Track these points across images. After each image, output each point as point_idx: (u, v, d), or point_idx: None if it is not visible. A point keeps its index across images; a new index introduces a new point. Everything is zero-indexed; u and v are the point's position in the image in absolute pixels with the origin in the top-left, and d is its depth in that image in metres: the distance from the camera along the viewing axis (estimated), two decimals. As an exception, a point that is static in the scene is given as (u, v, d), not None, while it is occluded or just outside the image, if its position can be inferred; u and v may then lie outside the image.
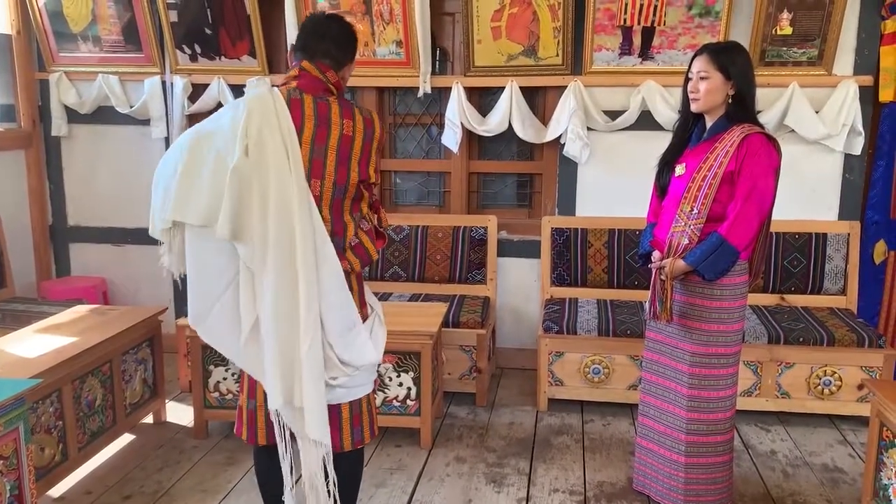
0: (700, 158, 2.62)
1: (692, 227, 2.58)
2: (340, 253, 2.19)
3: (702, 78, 2.58)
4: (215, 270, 2.17)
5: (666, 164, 2.78)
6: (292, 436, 2.23)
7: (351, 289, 2.24)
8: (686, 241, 2.58)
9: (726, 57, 2.58)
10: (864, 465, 2.85)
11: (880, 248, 4.02)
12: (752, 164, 2.52)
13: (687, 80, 2.66)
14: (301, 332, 2.10)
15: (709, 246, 2.54)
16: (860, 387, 3.57)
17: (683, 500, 2.77)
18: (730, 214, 2.54)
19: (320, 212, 2.14)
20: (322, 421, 2.16)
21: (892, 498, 2.45)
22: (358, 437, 2.33)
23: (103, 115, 4.61)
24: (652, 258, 2.75)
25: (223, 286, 2.17)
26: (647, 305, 2.78)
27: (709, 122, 2.66)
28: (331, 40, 2.24)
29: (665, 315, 2.65)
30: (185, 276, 2.23)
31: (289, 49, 4.16)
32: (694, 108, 2.63)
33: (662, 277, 2.63)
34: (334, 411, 2.26)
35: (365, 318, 2.31)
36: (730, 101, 2.60)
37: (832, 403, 3.63)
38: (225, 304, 2.18)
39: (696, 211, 2.57)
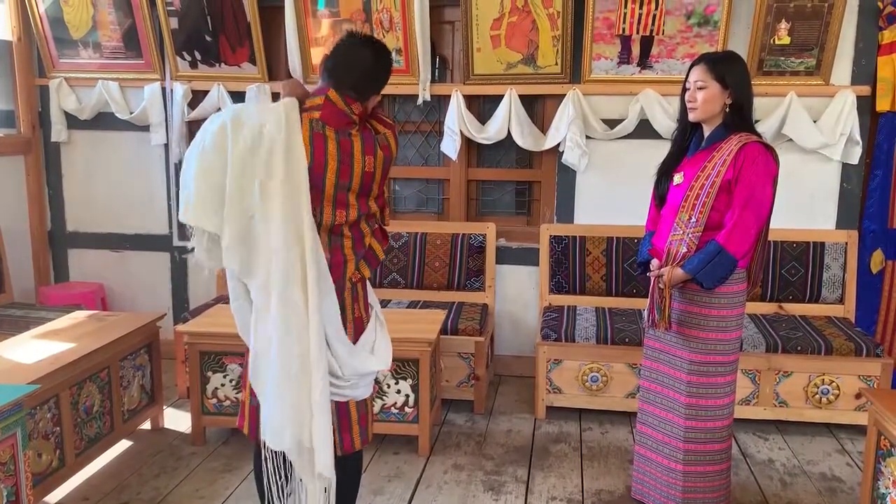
0: (698, 167, 2.63)
1: (690, 235, 2.59)
2: (354, 267, 2.21)
3: (699, 87, 2.59)
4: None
5: (664, 173, 2.79)
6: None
7: (357, 295, 2.25)
8: (684, 249, 2.59)
9: (723, 66, 2.59)
10: (861, 474, 2.86)
11: (877, 258, 4.03)
12: (750, 172, 2.53)
13: (685, 89, 2.67)
14: (313, 377, 2.07)
15: (707, 254, 2.54)
16: (858, 396, 3.57)
17: None
18: (728, 223, 2.55)
19: (342, 233, 2.16)
20: (330, 456, 2.14)
21: (889, 507, 2.45)
22: (365, 436, 2.34)
23: (103, 121, 4.62)
24: (650, 266, 2.76)
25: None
26: (645, 313, 2.78)
27: (706, 132, 2.67)
28: (362, 74, 2.18)
29: (663, 323, 2.66)
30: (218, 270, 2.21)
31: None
32: (692, 117, 2.65)
33: (661, 285, 2.64)
34: (343, 410, 2.26)
35: (367, 319, 2.32)
36: (727, 110, 2.61)
37: (830, 412, 3.63)
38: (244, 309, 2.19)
39: (693, 219, 2.58)
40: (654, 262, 2.73)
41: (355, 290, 2.25)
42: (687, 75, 2.66)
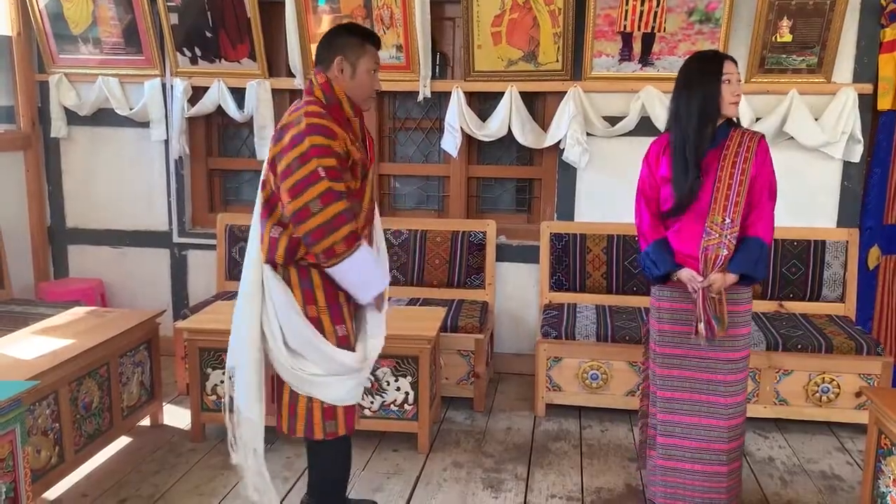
0: (715, 166, 2.58)
1: (728, 236, 2.54)
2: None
3: (740, 81, 2.60)
4: None
5: (696, 175, 2.59)
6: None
7: (293, 284, 2.38)
8: (725, 252, 2.54)
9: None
10: (862, 473, 2.85)
11: (874, 254, 4.03)
12: (769, 164, 2.60)
13: (718, 82, 2.53)
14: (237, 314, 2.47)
15: (752, 252, 2.55)
16: (858, 394, 3.57)
17: None
18: (759, 217, 2.58)
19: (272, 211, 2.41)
20: (243, 407, 2.44)
21: (890, 506, 2.44)
22: (293, 427, 2.45)
23: (103, 117, 4.61)
24: (679, 277, 2.61)
25: None
26: (699, 326, 2.58)
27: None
28: (319, 45, 2.48)
29: (723, 330, 2.57)
30: None
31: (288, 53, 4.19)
32: (735, 111, 2.60)
33: (713, 294, 2.56)
34: (278, 386, 2.47)
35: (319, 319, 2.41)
36: None
37: (830, 411, 3.63)
38: None
39: (728, 220, 2.54)
40: (690, 273, 2.58)
41: (287, 273, 2.38)
42: (716, 69, 2.54)
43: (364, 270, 2.33)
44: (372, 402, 3.38)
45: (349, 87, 2.40)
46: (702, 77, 2.57)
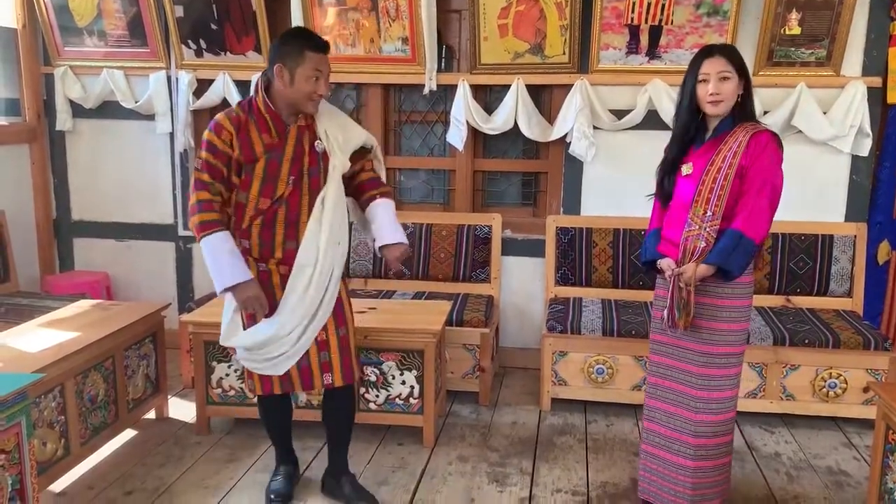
0: (707, 159, 2.59)
1: (708, 229, 2.54)
2: None
3: (724, 78, 2.54)
4: None
5: (669, 169, 2.71)
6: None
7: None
8: (703, 244, 2.54)
9: (738, 57, 2.58)
10: (869, 469, 2.84)
11: (884, 249, 4.01)
12: (763, 158, 2.51)
13: (695, 82, 2.59)
14: None
15: (728, 242, 2.50)
16: (866, 389, 3.55)
17: None
18: (742, 209, 2.52)
19: None
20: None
21: (897, 502, 2.43)
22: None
23: (108, 109, 4.60)
24: (660, 265, 2.69)
25: None
26: (664, 313, 2.68)
27: (713, 123, 2.63)
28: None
29: (684, 323, 2.60)
30: None
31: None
32: (717, 110, 2.57)
33: (682, 284, 2.58)
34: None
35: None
36: (738, 100, 2.58)
37: (837, 406, 3.61)
38: None
39: (710, 213, 2.54)
40: (668, 261, 2.65)
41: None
42: (697, 67, 2.58)
43: (208, 259, 2.57)
44: (377, 396, 3.37)
45: (288, 92, 2.56)
46: (687, 74, 2.63)
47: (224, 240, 2.56)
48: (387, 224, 2.74)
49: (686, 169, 2.65)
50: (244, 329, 2.66)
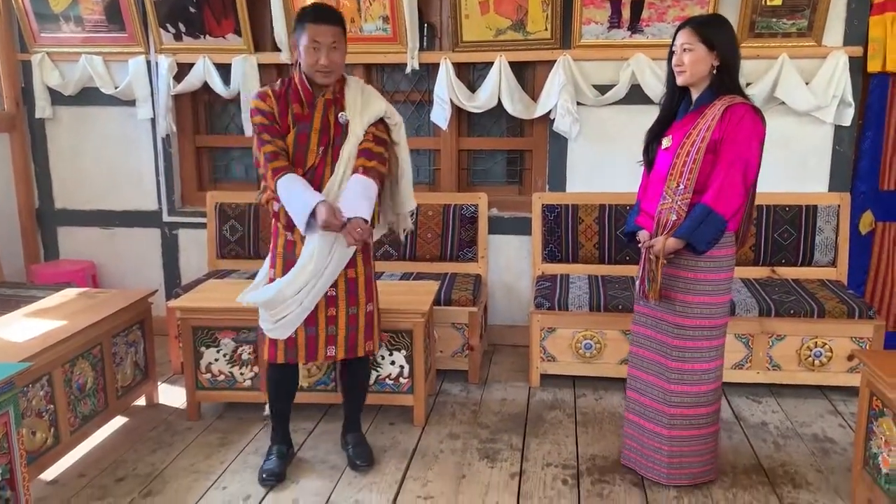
0: (685, 131, 2.61)
1: (679, 202, 2.57)
2: None
3: (685, 50, 2.58)
4: None
5: (653, 138, 2.77)
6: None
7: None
8: (674, 218, 2.57)
9: (709, 29, 2.58)
10: (854, 435, 2.88)
11: (867, 219, 4.03)
12: (736, 131, 2.52)
13: (671, 54, 2.65)
14: None
15: (696, 216, 2.53)
16: (850, 357, 3.59)
17: (667, 472, 2.79)
18: (713, 182, 2.53)
19: None
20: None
21: (881, 466, 2.47)
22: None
23: (88, 96, 4.55)
24: (638, 237, 2.74)
25: None
26: (637, 284, 2.76)
27: (694, 95, 2.65)
28: None
29: (653, 294, 2.64)
30: None
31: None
32: (680, 80, 2.63)
33: (652, 256, 2.62)
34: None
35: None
36: (714, 72, 2.59)
37: (823, 375, 3.65)
38: None
39: (682, 186, 2.56)
40: (643, 233, 2.70)
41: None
42: (673, 39, 2.64)
43: (284, 198, 2.66)
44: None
45: (303, 66, 2.69)
46: (669, 47, 2.69)
47: (295, 178, 2.66)
48: (349, 197, 2.69)
49: (666, 142, 2.67)
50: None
